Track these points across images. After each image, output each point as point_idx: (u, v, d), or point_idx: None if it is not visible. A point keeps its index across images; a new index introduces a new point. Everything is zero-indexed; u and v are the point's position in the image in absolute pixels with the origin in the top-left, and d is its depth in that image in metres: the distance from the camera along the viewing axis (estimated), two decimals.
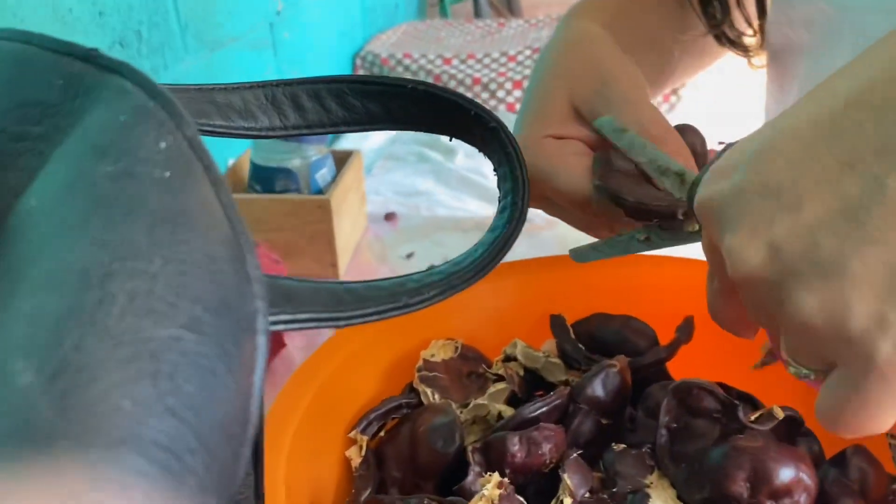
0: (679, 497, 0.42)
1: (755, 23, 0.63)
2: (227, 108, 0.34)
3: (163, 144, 0.20)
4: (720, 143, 0.41)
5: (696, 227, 0.42)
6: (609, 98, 0.47)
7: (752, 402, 0.49)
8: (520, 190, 0.32)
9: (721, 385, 0.51)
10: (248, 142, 0.91)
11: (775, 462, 0.39)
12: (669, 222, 0.43)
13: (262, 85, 0.35)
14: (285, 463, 0.41)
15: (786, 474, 0.39)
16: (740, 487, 0.39)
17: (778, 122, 0.28)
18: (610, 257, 0.46)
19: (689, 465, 0.43)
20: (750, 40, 0.61)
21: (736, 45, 0.62)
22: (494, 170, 0.35)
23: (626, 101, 0.47)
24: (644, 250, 0.45)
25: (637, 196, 0.43)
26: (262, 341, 0.19)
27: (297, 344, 0.77)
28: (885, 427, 0.27)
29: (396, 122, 0.36)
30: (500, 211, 0.32)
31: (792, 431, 0.44)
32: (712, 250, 0.31)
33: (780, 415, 0.43)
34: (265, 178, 0.86)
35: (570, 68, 0.50)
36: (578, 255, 0.47)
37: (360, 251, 0.93)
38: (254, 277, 0.19)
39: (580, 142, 0.48)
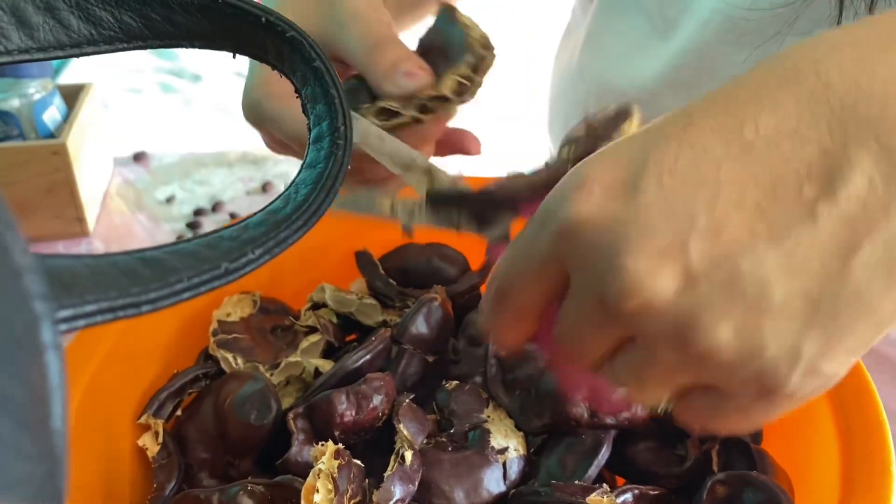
0: (517, 427, 0.40)
1: None
2: None
3: None
4: None
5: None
6: (336, 18, 0.40)
7: None
8: (338, 112, 0.26)
9: None
10: None
11: None
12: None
13: None
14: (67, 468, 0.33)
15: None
16: (580, 409, 0.38)
17: (672, 129, 0.25)
18: (355, 212, 0.39)
19: (523, 392, 0.41)
20: None
21: None
22: (297, 90, 0.28)
23: (356, 17, 0.40)
24: (390, 217, 0.38)
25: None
26: (54, 361, 0.12)
27: None
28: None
29: (160, 38, 0.29)
30: (316, 140, 0.26)
31: None
32: (561, 269, 0.27)
33: None
34: None
35: None
36: None
37: (109, 200, 0.81)
38: (24, 267, 0.12)
39: None
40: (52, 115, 0.74)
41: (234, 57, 0.30)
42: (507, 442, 0.39)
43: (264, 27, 0.28)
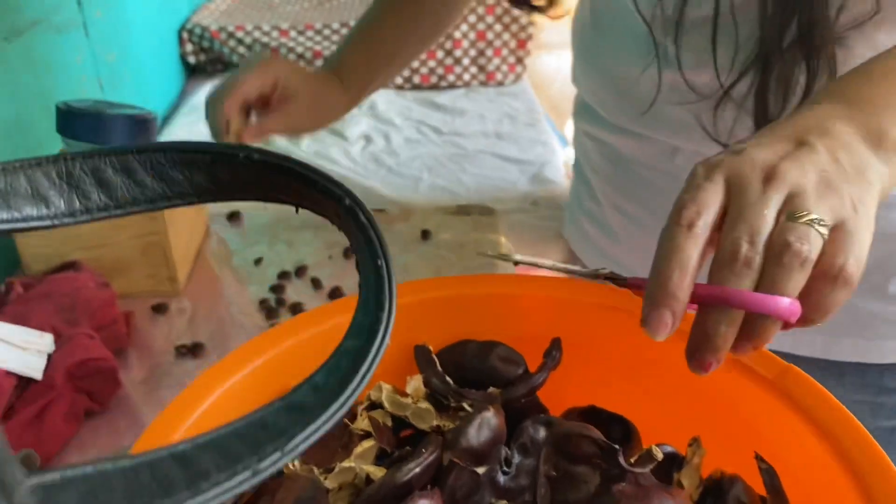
0: None
1: None
2: (9, 194, 0.27)
3: None
4: None
5: None
6: None
7: (622, 425, 0.48)
8: (384, 283, 0.27)
9: (592, 408, 0.50)
10: (58, 141, 0.81)
11: None
12: None
13: (53, 160, 0.28)
14: None
15: None
16: None
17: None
18: None
19: None
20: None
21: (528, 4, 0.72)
22: (352, 250, 0.30)
23: None
24: None
25: None
26: None
27: (136, 377, 0.69)
28: None
29: (228, 194, 0.31)
30: (362, 304, 0.27)
31: (670, 468, 0.43)
32: None
33: (659, 455, 0.41)
34: None
35: None
36: None
37: (202, 259, 0.85)
38: None
39: None
40: None
41: (296, 211, 0.32)
42: None
43: (321, 192, 0.29)
